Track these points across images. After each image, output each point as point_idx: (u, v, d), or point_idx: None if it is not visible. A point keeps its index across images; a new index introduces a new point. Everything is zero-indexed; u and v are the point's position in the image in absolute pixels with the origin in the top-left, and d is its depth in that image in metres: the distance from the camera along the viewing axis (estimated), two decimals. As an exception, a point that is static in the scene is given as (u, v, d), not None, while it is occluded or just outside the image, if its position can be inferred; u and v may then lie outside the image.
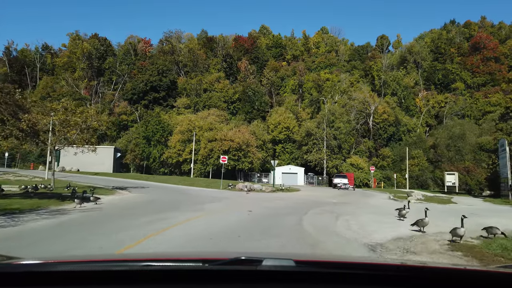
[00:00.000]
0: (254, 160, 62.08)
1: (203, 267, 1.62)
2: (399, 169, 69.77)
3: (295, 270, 1.59)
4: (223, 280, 1.56)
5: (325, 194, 34.25)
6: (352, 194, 35.83)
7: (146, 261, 1.71)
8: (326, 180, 65.73)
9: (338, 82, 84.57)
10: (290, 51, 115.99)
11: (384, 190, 45.65)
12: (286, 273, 1.59)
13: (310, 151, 65.40)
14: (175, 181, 41.62)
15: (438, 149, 64.94)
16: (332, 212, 17.02)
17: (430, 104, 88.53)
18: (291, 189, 37.88)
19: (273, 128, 76.43)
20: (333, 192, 37.99)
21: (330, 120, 65.34)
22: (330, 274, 1.65)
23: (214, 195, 26.56)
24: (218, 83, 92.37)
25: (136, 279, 1.56)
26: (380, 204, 24.17)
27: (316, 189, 46.95)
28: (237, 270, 1.60)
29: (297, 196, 28.65)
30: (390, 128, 78.78)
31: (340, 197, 30.30)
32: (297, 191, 36.27)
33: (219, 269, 1.60)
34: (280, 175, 64.55)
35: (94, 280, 1.54)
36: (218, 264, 1.62)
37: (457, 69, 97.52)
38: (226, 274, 1.59)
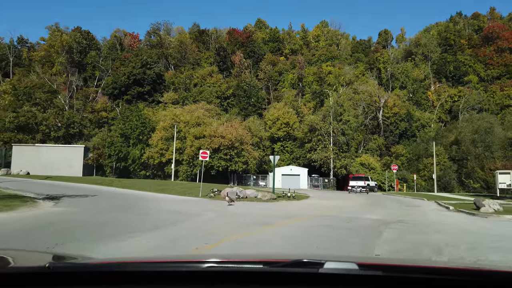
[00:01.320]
0: (249, 160, 51.62)
1: (264, 269, 1.57)
2: (416, 169, 59.49)
3: (358, 274, 1.47)
4: (283, 282, 1.49)
5: (345, 202, 23.89)
6: (381, 202, 25.48)
7: (209, 263, 1.65)
8: (333, 182, 55.28)
9: (342, 75, 74.31)
10: (288, 45, 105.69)
11: (411, 194, 35.37)
12: (348, 277, 1.47)
13: (315, 149, 54.96)
14: (145, 186, 31.09)
15: (462, 145, 54.64)
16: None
17: (443, 98, 78.42)
18: (298, 195, 27.50)
19: (271, 124, 66.02)
20: (353, 199, 27.60)
21: (337, 113, 55.00)
22: (396, 278, 1.49)
23: (179, 208, 16.20)
24: (210, 78, 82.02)
25: (199, 280, 1.53)
26: (456, 222, 13.76)
27: (326, 194, 36.49)
28: (298, 273, 1.50)
29: (311, 208, 18.21)
30: (402, 123, 68.55)
31: (371, 207, 20.04)
32: (306, 198, 25.88)
33: (280, 271, 1.52)
34: (279, 177, 54.09)
35: (161, 280, 1.52)
36: (279, 266, 1.56)
37: (470, 61, 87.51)
38: (286, 277, 1.51)
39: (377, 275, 1.47)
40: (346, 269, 1.49)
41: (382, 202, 24.29)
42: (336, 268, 1.49)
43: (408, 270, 1.65)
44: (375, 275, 1.48)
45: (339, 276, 1.48)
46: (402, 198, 30.15)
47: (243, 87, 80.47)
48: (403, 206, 20.97)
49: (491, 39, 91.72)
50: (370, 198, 28.84)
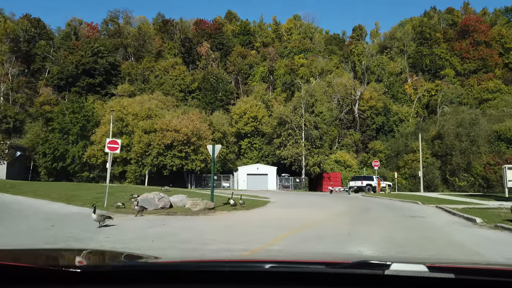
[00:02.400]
0: (208, 158, 43.79)
1: (327, 269, 1.48)
2: (395, 166, 53.22)
3: (428, 276, 1.33)
4: (346, 284, 1.41)
5: (316, 212, 16.50)
6: (366, 209, 18.26)
7: (270, 263, 1.59)
8: (305, 182, 48.15)
9: (314, 66, 67.49)
10: (259, 38, 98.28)
11: (397, 196, 28.42)
12: (416, 279, 1.34)
13: (284, 144, 47.64)
14: (53, 192, 22.64)
15: (445, 139, 48.57)
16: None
17: (420, 92, 72.95)
18: (253, 201, 19.99)
19: (237, 118, 58.39)
20: (328, 206, 20.31)
21: (309, 104, 47.86)
22: (469, 281, 1.35)
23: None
24: (173, 70, 73.80)
25: (262, 280, 1.47)
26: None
27: (295, 197, 29.05)
28: (362, 274, 1.39)
29: (253, 230, 10.53)
30: (379, 117, 62.33)
31: (353, 221, 12.77)
32: (262, 206, 18.32)
33: (343, 272, 1.44)
34: (244, 177, 46.59)
35: (221, 280, 1.48)
36: (342, 267, 1.48)
37: (446, 54, 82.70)
38: (349, 278, 1.41)
39: (448, 278, 1.31)
40: (414, 271, 1.34)
41: (368, 210, 17.01)
42: (403, 270, 1.34)
43: (482, 273, 1.47)
44: (447, 277, 1.31)
45: (407, 279, 1.33)
46: (390, 202, 23.08)
47: (210, 79, 72.71)
48: (401, 217, 13.72)
49: (467, 33, 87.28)
50: (352, 204, 21.58)
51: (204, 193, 22.98)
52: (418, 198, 24.66)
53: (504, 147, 47.27)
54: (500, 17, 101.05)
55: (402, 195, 29.95)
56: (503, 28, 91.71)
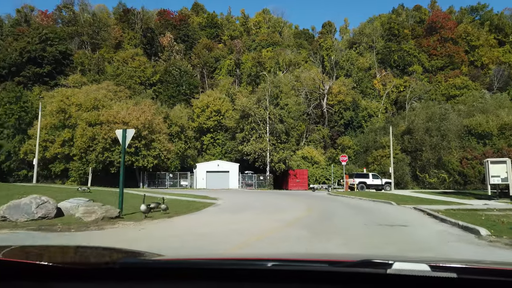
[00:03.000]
0: (163, 154, 39.09)
1: (329, 268, 1.47)
2: (364, 163, 50.33)
3: (430, 276, 1.31)
4: (348, 282, 1.39)
5: (268, 218, 12.54)
6: (330, 213, 14.41)
7: (273, 261, 1.54)
8: (270, 180, 44.28)
9: (282, 57, 63.83)
10: (227, 31, 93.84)
11: (367, 194, 24.84)
12: (418, 278, 1.33)
13: (247, 139, 43.56)
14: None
15: (415, 134, 45.99)
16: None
17: (389, 88, 70.86)
18: (193, 204, 15.75)
19: (199, 112, 53.84)
20: (285, 210, 16.40)
21: (274, 95, 43.97)
22: (472, 280, 1.33)
23: None
24: (132, 61, 68.20)
25: (265, 279, 1.45)
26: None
27: (253, 196, 24.93)
28: (364, 273, 1.38)
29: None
30: (348, 112, 59.41)
31: (312, 233, 8.88)
32: (200, 211, 13.96)
33: (346, 271, 1.42)
34: (203, 175, 42.22)
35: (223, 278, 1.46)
36: (345, 266, 1.46)
37: (414, 50, 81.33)
38: (352, 277, 1.40)
39: (451, 277, 1.29)
40: (416, 270, 1.32)
41: (332, 215, 13.09)
42: (405, 269, 1.33)
43: (486, 272, 1.43)
44: (449, 277, 1.29)
45: (409, 277, 1.32)
46: (360, 202, 19.41)
47: (172, 72, 67.72)
48: (375, 227, 9.86)
49: (435, 29, 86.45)
50: (314, 205, 17.70)
51: (154, 194, 18.52)
52: (391, 197, 21.19)
53: (474, 142, 45.25)
54: (465, 15, 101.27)
55: (372, 193, 26.48)
56: (469, 26, 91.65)
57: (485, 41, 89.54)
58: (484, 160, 21.23)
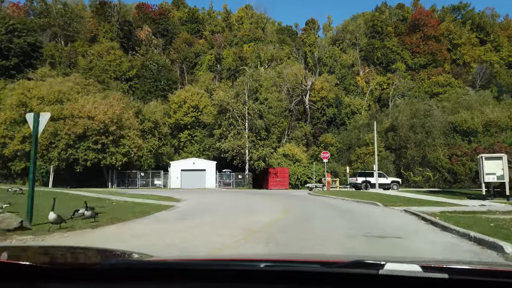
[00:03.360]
0: (133, 151, 36.13)
1: (322, 269, 1.45)
2: (347, 161, 48.35)
3: (422, 276, 1.31)
4: (341, 283, 1.39)
5: (240, 223, 10.01)
6: (306, 217, 12.00)
7: (266, 262, 1.54)
8: (249, 178, 41.78)
9: (264, 52, 61.43)
10: (208, 26, 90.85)
11: (350, 194, 22.55)
12: (410, 279, 1.32)
13: (225, 136, 40.95)
14: None
15: (399, 131, 44.20)
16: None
17: (372, 85, 69.30)
18: (146, 207, 13.14)
19: (176, 108, 50.97)
20: (264, 213, 13.91)
21: (253, 89, 41.46)
22: (463, 281, 1.33)
23: None
24: (107, 55, 64.80)
25: (257, 279, 1.43)
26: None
27: (226, 197, 22.34)
28: (357, 274, 1.37)
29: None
30: (330, 109, 57.39)
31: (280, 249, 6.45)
32: (148, 216, 11.49)
33: (338, 271, 1.42)
34: (178, 173, 39.44)
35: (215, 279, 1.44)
36: (337, 267, 1.46)
37: (398, 48, 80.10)
38: (344, 277, 1.40)
39: (442, 278, 1.29)
40: (408, 271, 1.31)
41: (309, 221, 10.65)
42: (397, 269, 1.32)
43: (476, 273, 1.44)
44: (441, 278, 1.29)
45: (401, 278, 1.31)
46: (342, 204, 17.08)
47: (150, 66, 64.58)
48: (361, 238, 7.48)
49: (418, 27, 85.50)
50: (291, 207, 15.24)
51: (118, 195, 15.73)
52: (376, 197, 18.96)
53: (459, 139, 43.75)
54: (448, 14, 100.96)
55: (355, 193, 24.24)
56: (451, 24, 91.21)
57: (467, 39, 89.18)
58: (478, 156, 19.20)
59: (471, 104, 48.84)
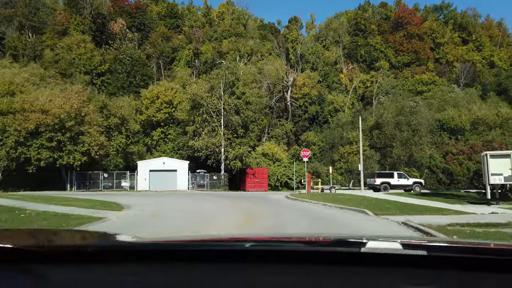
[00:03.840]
0: (93, 150, 32.29)
1: (305, 247, 1.51)
2: (329, 160, 45.55)
3: (402, 254, 1.35)
4: (323, 262, 1.39)
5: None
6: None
7: (251, 241, 1.55)
8: (225, 180, 38.42)
9: (244, 45, 58.22)
10: (188, 22, 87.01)
11: (333, 199, 19.52)
12: (390, 256, 1.36)
13: (199, 133, 37.50)
14: None
15: (384, 129, 41.61)
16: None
17: (355, 82, 66.93)
18: (60, 219, 9.73)
19: (148, 104, 47.28)
20: (219, 225, 10.61)
21: (229, 83, 38.13)
22: (442, 258, 1.38)
23: None
24: (78, 48, 60.50)
25: (243, 259, 1.44)
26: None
27: (187, 201, 18.87)
28: (339, 252, 1.41)
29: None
30: (313, 106, 54.53)
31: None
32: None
33: (321, 250, 1.45)
34: (146, 174, 35.75)
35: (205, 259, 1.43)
36: (320, 245, 1.53)
37: (381, 46, 78.11)
38: (327, 256, 1.42)
39: (421, 255, 1.33)
40: (389, 248, 1.36)
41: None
42: (378, 247, 1.36)
43: (455, 250, 1.50)
44: (420, 254, 1.33)
45: (382, 256, 1.35)
46: (322, 211, 13.95)
47: (123, 61, 60.50)
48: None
49: (401, 25, 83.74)
50: (255, 217, 11.98)
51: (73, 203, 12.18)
52: (364, 203, 15.91)
53: (446, 137, 41.47)
54: (430, 14, 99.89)
55: (338, 196, 21.17)
56: (434, 23, 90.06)
57: (449, 39, 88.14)
58: (482, 153, 16.39)
59: (458, 102, 46.74)
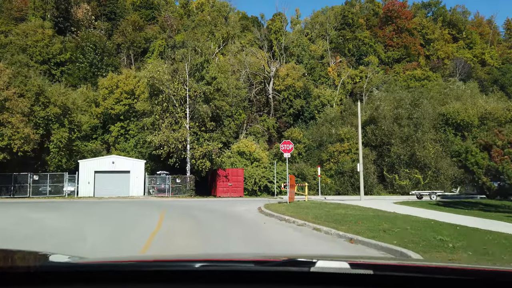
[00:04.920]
0: (15, 144, 24.53)
1: (256, 268, 1.46)
2: (317, 160, 38.65)
3: (350, 273, 1.37)
4: (275, 282, 1.38)
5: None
6: None
7: (202, 262, 1.51)
8: (191, 183, 30.98)
9: (221, 31, 51.09)
10: (165, 13, 79.50)
11: (324, 207, 12.73)
12: (339, 276, 1.38)
13: (159, 126, 30.07)
14: None
15: (381, 124, 34.95)
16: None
17: (343, 76, 60.57)
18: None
19: (105, 94, 39.62)
20: None
21: (196, 65, 30.82)
22: (387, 277, 1.40)
23: None
24: (34, 34, 52.62)
25: (192, 280, 1.40)
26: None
27: (83, 218, 11.54)
28: (290, 272, 1.39)
29: None
30: (298, 100, 47.62)
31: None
32: None
33: (272, 270, 1.42)
34: (90, 176, 28.00)
35: (148, 280, 1.37)
36: (271, 265, 1.47)
37: (370, 40, 72.09)
38: (278, 276, 1.40)
39: (368, 274, 1.36)
40: (337, 268, 1.37)
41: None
42: (328, 267, 1.37)
43: (400, 269, 1.54)
44: (366, 273, 1.36)
45: (331, 275, 1.36)
46: (318, 249, 7.20)
47: (86, 48, 52.69)
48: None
49: (390, 19, 78.08)
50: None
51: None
52: (385, 223, 8.98)
53: (451, 134, 35.10)
54: (419, 11, 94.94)
55: (338, 210, 14.02)
56: (424, 19, 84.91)
57: (440, 35, 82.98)
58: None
59: (460, 95, 40.50)
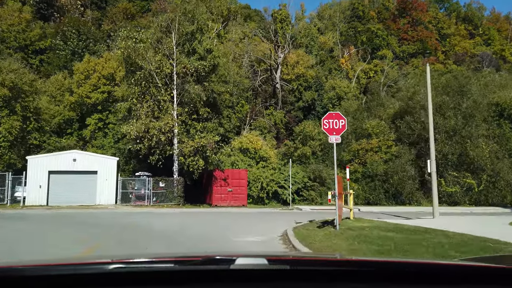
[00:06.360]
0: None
1: (175, 268, 1.43)
2: (337, 161, 31.16)
3: (267, 268, 1.40)
4: (195, 281, 1.36)
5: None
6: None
7: (116, 263, 1.43)
8: (179, 188, 23.32)
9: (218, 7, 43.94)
10: (161, 4, 72.60)
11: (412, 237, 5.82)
12: (258, 272, 1.39)
13: (137, 113, 22.57)
14: None
15: (419, 115, 27.43)
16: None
17: (357, 68, 53.41)
18: None
19: (81, 80, 32.19)
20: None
21: (186, 35, 23.40)
22: (302, 271, 1.45)
23: None
24: (11, 18, 45.89)
25: (105, 282, 1.33)
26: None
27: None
28: (210, 270, 1.40)
29: None
30: (309, 92, 40.15)
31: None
32: None
33: (192, 269, 1.41)
34: (43, 178, 20.24)
35: (60, 285, 1.28)
36: (190, 265, 1.46)
37: (383, 32, 64.95)
38: (198, 275, 1.38)
39: (284, 269, 1.39)
40: (255, 264, 1.39)
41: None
42: (246, 263, 1.38)
43: (314, 264, 1.61)
44: (283, 269, 1.40)
45: (250, 272, 1.37)
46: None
47: (67, 33, 45.64)
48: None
49: (405, 11, 71.09)
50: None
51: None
52: None
53: (508, 128, 27.63)
54: (432, 5, 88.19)
55: (408, 230, 6.43)
56: (439, 13, 78.03)
57: (456, 30, 75.93)
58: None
59: (505, 85, 33.02)
